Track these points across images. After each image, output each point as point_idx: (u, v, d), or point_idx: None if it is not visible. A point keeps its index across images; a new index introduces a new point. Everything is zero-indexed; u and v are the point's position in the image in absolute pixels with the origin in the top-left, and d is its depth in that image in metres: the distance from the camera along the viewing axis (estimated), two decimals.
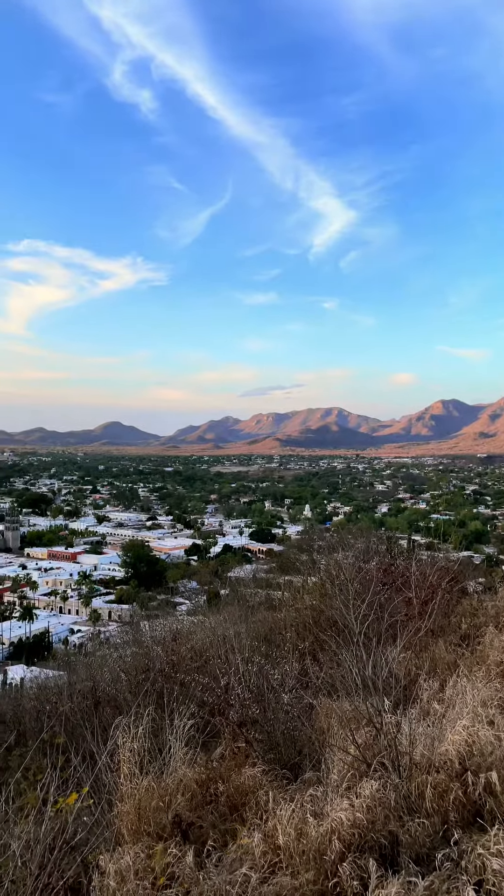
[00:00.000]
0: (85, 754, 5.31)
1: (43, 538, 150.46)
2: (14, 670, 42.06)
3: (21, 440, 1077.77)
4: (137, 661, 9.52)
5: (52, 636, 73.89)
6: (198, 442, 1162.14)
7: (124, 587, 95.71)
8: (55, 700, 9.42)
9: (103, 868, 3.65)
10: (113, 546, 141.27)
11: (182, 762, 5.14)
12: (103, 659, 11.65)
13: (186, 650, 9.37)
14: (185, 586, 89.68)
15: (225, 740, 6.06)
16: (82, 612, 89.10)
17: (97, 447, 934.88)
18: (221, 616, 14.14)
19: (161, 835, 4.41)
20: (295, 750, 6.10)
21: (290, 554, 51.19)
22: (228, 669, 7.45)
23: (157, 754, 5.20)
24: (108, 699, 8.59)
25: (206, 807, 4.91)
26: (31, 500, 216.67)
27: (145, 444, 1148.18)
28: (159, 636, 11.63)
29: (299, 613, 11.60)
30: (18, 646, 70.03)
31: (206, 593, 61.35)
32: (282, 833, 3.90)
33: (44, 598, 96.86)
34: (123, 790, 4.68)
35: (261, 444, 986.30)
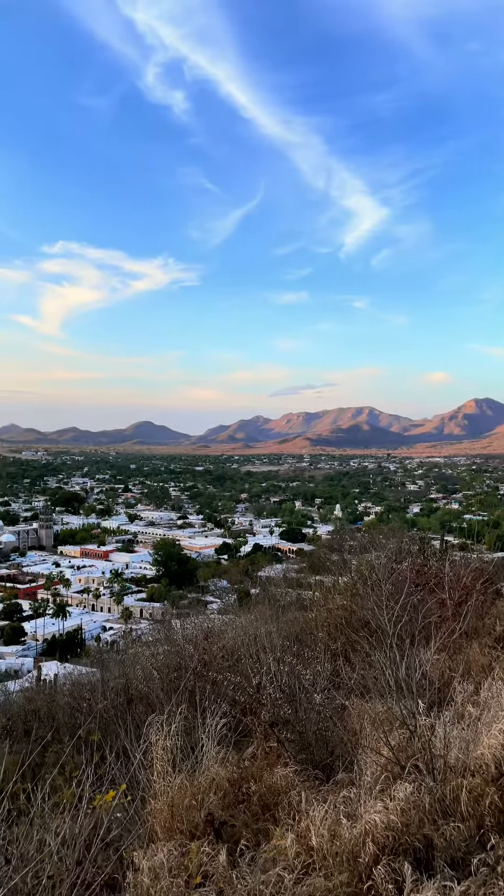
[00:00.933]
0: (118, 751, 5.35)
1: (76, 536, 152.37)
2: (48, 666, 42.64)
3: (54, 439, 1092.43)
4: (169, 660, 9.57)
5: (84, 633, 74.72)
6: (228, 441, 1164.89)
7: (155, 585, 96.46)
8: (89, 697, 9.51)
9: (137, 865, 3.67)
10: (144, 544, 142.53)
11: (214, 761, 5.15)
12: (136, 656, 11.74)
13: (218, 649, 9.38)
14: (215, 585, 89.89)
15: (256, 740, 6.05)
16: (114, 609, 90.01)
17: (129, 446, 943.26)
18: (252, 615, 14.14)
19: (194, 833, 4.43)
20: (327, 751, 6.07)
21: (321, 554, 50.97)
22: (260, 669, 7.44)
23: (190, 752, 5.22)
24: (140, 697, 8.65)
25: (238, 806, 4.92)
26: (65, 499, 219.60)
27: (176, 443, 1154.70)
28: (191, 635, 11.67)
29: (330, 614, 11.54)
30: (52, 642, 70.98)
31: (237, 592, 61.48)
32: (315, 834, 3.88)
33: (76, 596, 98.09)
34: (157, 788, 4.71)
35: (291, 443, 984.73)
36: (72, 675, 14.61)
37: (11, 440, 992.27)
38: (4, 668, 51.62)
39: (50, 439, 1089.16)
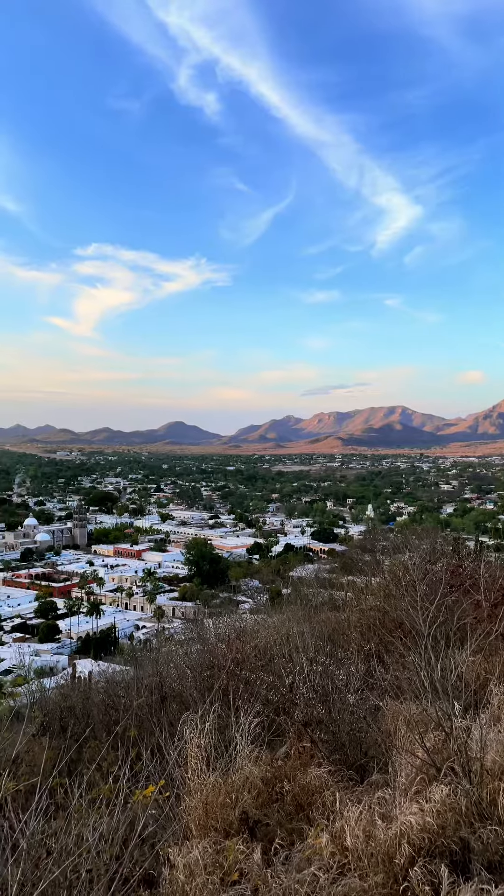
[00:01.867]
0: (153, 748, 5.40)
1: (109, 535, 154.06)
2: (82, 664, 43.20)
3: (88, 440, 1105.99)
4: (202, 658, 9.61)
5: (118, 632, 75.51)
6: (259, 441, 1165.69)
7: (188, 585, 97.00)
8: (123, 694, 9.61)
9: (173, 861, 3.70)
10: (176, 544, 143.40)
11: (248, 760, 5.16)
12: (169, 655, 11.82)
13: (251, 648, 9.40)
14: (247, 585, 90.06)
15: (290, 739, 6.05)
16: (147, 608, 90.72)
17: (161, 446, 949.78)
18: (284, 615, 14.13)
19: (228, 831, 4.45)
20: (361, 751, 6.04)
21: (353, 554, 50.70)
22: (293, 669, 7.44)
23: (224, 751, 5.23)
24: (174, 695, 8.71)
25: (272, 805, 4.92)
26: (98, 498, 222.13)
27: (207, 443, 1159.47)
28: (223, 634, 11.71)
29: (363, 614, 11.47)
30: (86, 640, 71.90)
31: (269, 592, 61.49)
32: (350, 835, 3.87)
33: (110, 595, 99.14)
34: (191, 785, 4.73)
35: (322, 443, 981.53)
36: (106, 673, 14.76)
37: (46, 440, 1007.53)
38: (40, 665, 52.39)
39: (84, 439, 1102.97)
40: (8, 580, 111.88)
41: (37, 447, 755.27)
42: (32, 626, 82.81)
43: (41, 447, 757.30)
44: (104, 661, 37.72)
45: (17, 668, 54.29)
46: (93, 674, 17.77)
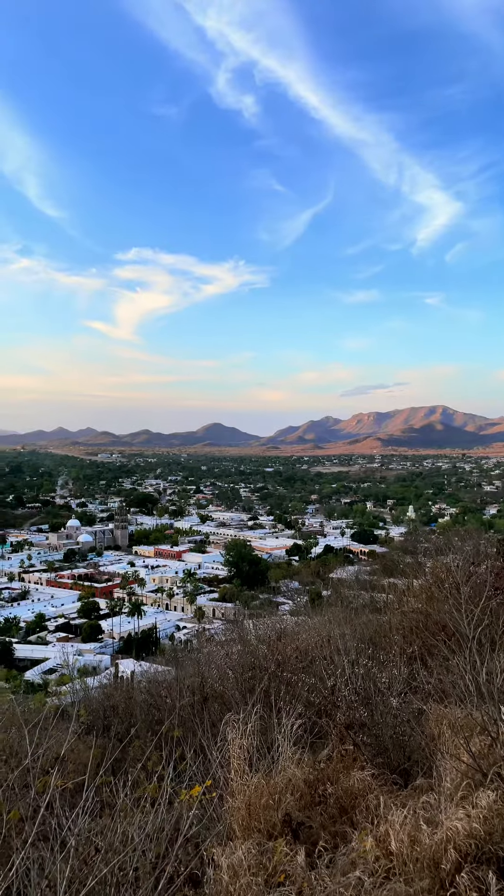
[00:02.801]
0: (196, 748, 5.43)
1: (150, 537, 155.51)
2: (125, 664, 43.69)
3: (128, 442, 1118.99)
4: (243, 659, 9.63)
5: (159, 632, 76.16)
6: (298, 442, 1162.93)
7: (227, 586, 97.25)
8: (165, 694, 9.69)
9: (217, 862, 3.72)
10: (216, 545, 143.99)
11: (290, 761, 5.15)
12: (210, 656, 11.88)
13: (291, 650, 9.38)
14: (286, 586, 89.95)
15: (332, 742, 6.02)
16: (187, 609, 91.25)
17: (200, 448, 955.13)
18: (325, 617, 14.07)
19: (271, 832, 4.44)
20: (404, 755, 5.97)
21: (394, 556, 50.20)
22: (334, 671, 7.40)
23: (266, 752, 5.23)
24: (215, 695, 8.74)
25: (314, 807, 4.90)
26: (139, 500, 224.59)
27: (246, 444, 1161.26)
28: (264, 635, 11.72)
29: (405, 616, 11.35)
30: (128, 640, 72.70)
31: (308, 594, 61.29)
32: (395, 839, 3.83)
33: (151, 595, 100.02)
34: (234, 786, 4.74)
35: (361, 443, 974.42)
36: (148, 673, 14.91)
37: (88, 443, 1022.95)
38: (83, 664, 53.17)
39: (124, 442, 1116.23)
40: (52, 581, 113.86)
41: (79, 450, 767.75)
42: (76, 625, 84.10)
43: (83, 449, 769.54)
44: (146, 661, 38.08)
45: (62, 667, 55.24)
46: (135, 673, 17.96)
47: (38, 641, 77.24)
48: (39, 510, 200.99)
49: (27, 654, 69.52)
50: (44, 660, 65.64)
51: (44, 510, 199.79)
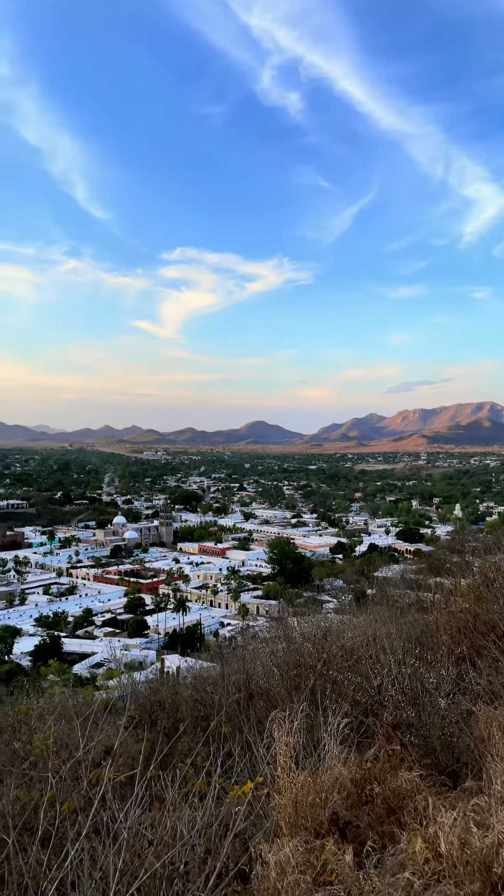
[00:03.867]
0: (242, 745, 5.45)
1: (194, 534, 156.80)
2: (170, 659, 44.15)
3: (173, 440, 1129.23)
4: (289, 657, 9.62)
5: (203, 628, 76.73)
6: (341, 440, 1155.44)
7: (271, 583, 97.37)
8: (211, 690, 9.75)
9: (265, 859, 3.73)
10: (259, 542, 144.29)
11: (337, 760, 5.12)
12: (255, 652, 11.90)
13: (337, 648, 9.33)
14: (330, 584, 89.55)
15: (378, 741, 5.97)
16: (231, 606, 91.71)
17: (243, 446, 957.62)
18: (370, 616, 13.94)
19: (318, 831, 4.43)
20: (453, 757, 5.89)
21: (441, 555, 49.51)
22: (381, 670, 7.34)
23: (312, 750, 5.22)
24: (261, 692, 8.76)
25: (362, 807, 4.87)
26: (183, 497, 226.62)
27: (289, 442, 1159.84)
28: (309, 633, 11.68)
29: (453, 616, 11.17)
30: (173, 636, 73.47)
31: (353, 592, 60.89)
32: (444, 841, 3.78)
33: (195, 592, 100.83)
34: (280, 783, 4.75)
35: (406, 441, 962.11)
36: (193, 669, 15.03)
37: (133, 441, 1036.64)
38: (130, 659, 53.96)
39: (168, 440, 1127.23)
40: (99, 576, 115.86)
41: (124, 447, 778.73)
42: (122, 621, 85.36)
43: (128, 447, 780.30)
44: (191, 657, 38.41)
45: (109, 661, 56.17)
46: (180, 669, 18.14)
47: (86, 636, 78.71)
48: (87, 507, 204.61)
49: (75, 648, 70.90)
50: (91, 654, 66.84)
51: (91, 507, 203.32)
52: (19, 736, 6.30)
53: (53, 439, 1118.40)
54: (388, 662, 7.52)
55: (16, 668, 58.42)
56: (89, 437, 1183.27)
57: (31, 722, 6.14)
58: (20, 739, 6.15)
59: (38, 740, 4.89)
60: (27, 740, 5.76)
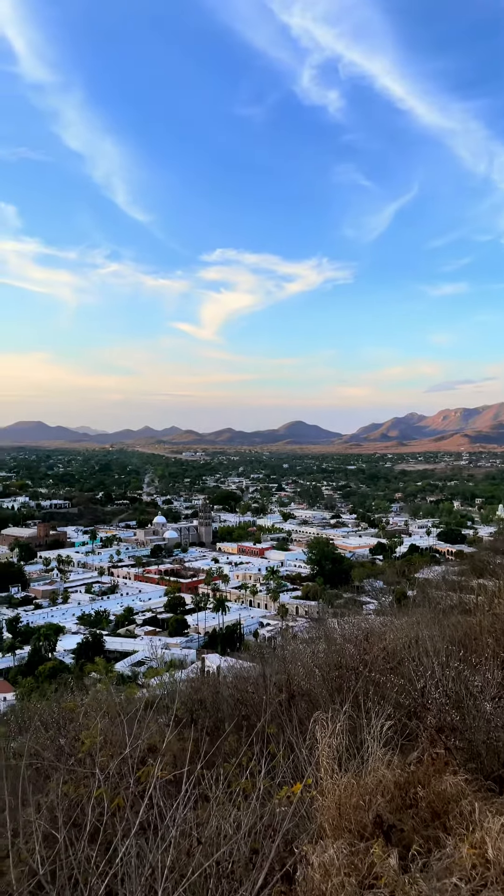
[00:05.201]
0: (285, 746, 5.46)
1: (233, 534, 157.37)
2: (210, 658, 44.42)
3: (211, 440, 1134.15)
4: (330, 658, 9.59)
5: (243, 628, 76.91)
6: (381, 440, 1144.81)
7: (310, 584, 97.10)
8: (252, 690, 9.77)
9: (309, 860, 3.73)
10: (298, 543, 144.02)
11: (380, 762, 5.09)
12: (295, 653, 11.90)
13: (378, 650, 9.26)
14: (370, 585, 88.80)
15: (422, 744, 5.91)
16: (270, 606, 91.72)
17: (281, 446, 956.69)
18: (412, 618, 13.80)
19: (362, 833, 4.41)
20: (499, 761, 5.79)
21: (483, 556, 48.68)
22: (423, 672, 7.26)
23: (355, 752, 5.20)
24: (302, 693, 8.75)
25: (406, 810, 4.83)
26: (222, 497, 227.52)
27: (328, 442, 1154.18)
28: (349, 634, 11.61)
29: (497, 619, 10.98)
30: (212, 636, 73.85)
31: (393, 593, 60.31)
32: (491, 846, 3.73)
33: (234, 591, 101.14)
34: (324, 785, 4.74)
35: (448, 440, 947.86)
36: (234, 668, 15.08)
37: (172, 441, 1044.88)
38: (171, 658, 54.41)
39: (207, 440, 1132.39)
40: (139, 575, 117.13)
41: (164, 448, 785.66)
42: (162, 620, 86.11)
43: (168, 448, 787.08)
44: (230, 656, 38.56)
45: (150, 659, 56.75)
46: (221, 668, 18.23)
47: (127, 634, 79.64)
48: (127, 507, 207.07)
49: (117, 646, 71.80)
50: (132, 652, 67.61)
51: (131, 507, 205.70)
52: (64, 732, 6.41)
53: (95, 440, 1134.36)
54: (431, 665, 7.43)
55: (59, 666, 59.45)
56: (129, 438, 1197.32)
57: (79, 719, 6.24)
58: (65, 736, 6.26)
59: (87, 737, 4.97)
60: (74, 737, 5.86)
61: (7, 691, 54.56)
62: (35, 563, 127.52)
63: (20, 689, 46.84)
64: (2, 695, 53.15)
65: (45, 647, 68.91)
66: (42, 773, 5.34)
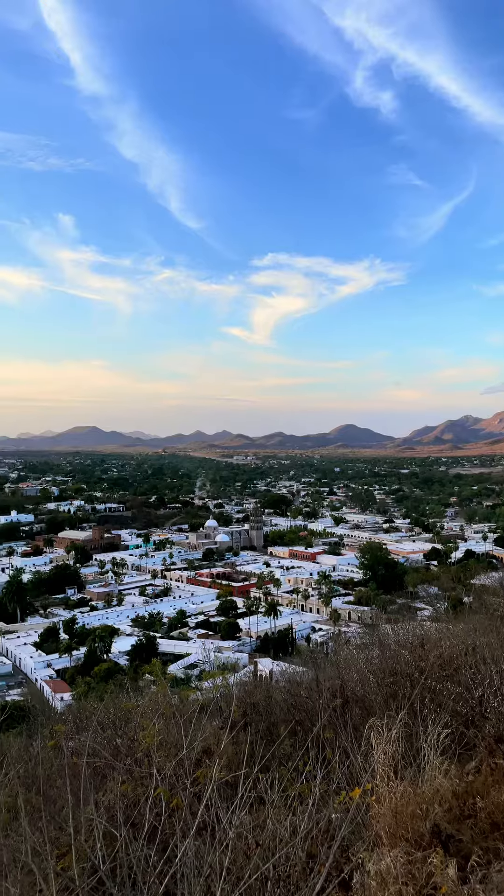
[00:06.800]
0: (339, 751, 5.43)
1: (284, 538, 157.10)
2: (263, 662, 44.43)
3: (262, 444, 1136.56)
4: (384, 664, 9.49)
5: (295, 632, 76.68)
6: (435, 443, 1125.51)
7: (363, 589, 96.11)
8: (305, 695, 9.74)
9: (366, 867, 3.71)
10: (350, 547, 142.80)
11: (438, 771, 5.02)
12: (349, 658, 11.81)
13: (434, 657, 9.12)
14: (425, 591, 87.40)
15: (480, 754, 5.80)
16: (322, 611, 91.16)
17: (332, 450, 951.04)
18: (468, 625, 13.52)
19: (419, 842, 4.35)
20: None
21: None
22: (482, 681, 7.12)
23: (411, 760, 5.14)
24: (356, 699, 8.68)
25: (464, 821, 4.74)
26: (273, 501, 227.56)
27: (380, 445, 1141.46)
28: (404, 640, 11.46)
29: None
30: (264, 640, 73.86)
31: (448, 600, 59.21)
32: None
33: (286, 596, 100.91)
34: (380, 792, 4.70)
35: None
36: (286, 673, 15.04)
37: (223, 445, 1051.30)
38: (223, 661, 54.65)
39: (258, 444, 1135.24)
40: (192, 578, 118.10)
41: (215, 452, 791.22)
42: (214, 623, 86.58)
43: (219, 452, 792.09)
44: (283, 660, 38.50)
45: (203, 662, 57.17)
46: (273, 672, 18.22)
47: (180, 637, 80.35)
48: (179, 510, 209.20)
49: (170, 648, 72.52)
50: (185, 655, 68.18)
51: (183, 511, 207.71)
52: (121, 733, 6.52)
53: (148, 444, 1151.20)
54: (490, 673, 7.29)
55: (114, 667, 60.44)
56: (181, 443, 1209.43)
57: (136, 719, 6.35)
58: (122, 736, 6.37)
59: (144, 738, 5.06)
60: (130, 737, 5.96)
61: (65, 691, 55.78)
62: (90, 565, 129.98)
63: (77, 690, 47.84)
64: (59, 694, 54.37)
65: (101, 648, 70.12)
66: (99, 772, 5.45)
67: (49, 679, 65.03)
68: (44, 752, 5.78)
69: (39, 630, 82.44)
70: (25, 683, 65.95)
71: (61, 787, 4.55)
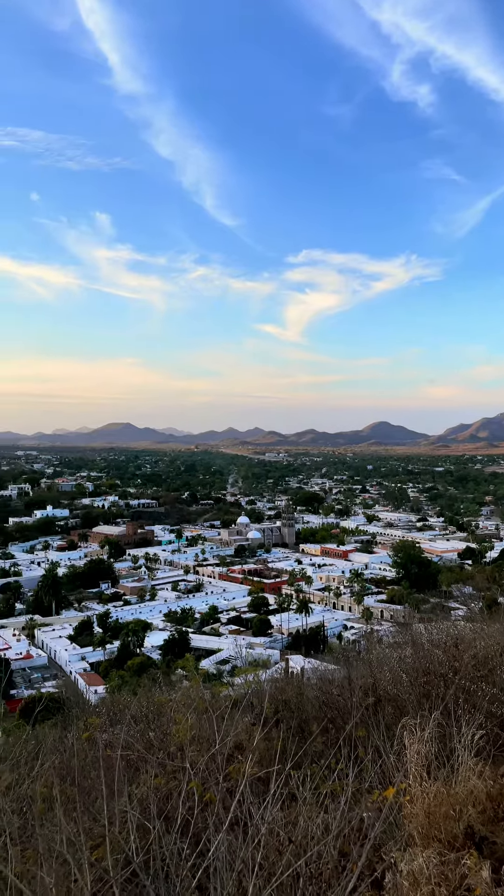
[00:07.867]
0: (372, 750, 5.40)
1: (316, 535, 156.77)
2: (294, 660, 44.33)
3: (294, 441, 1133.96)
4: (417, 663, 9.40)
5: (326, 630, 76.49)
6: (470, 441, 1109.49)
7: (395, 587, 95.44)
8: (337, 693, 9.71)
9: (399, 867, 3.69)
10: (383, 546, 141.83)
11: (472, 772, 4.96)
12: (382, 657, 11.74)
13: (469, 657, 9.01)
14: (459, 591, 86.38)
15: None
16: (354, 609, 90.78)
17: (365, 447, 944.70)
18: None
19: (452, 843, 4.31)
20: None
21: None
22: None
23: (445, 761, 5.09)
24: (388, 698, 8.62)
25: (498, 823, 4.68)
26: (305, 499, 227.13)
27: (414, 443, 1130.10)
28: (438, 640, 11.34)
29: None
30: (296, 637, 73.84)
31: (483, 599, 58.43)
32: None
33: (318, 593, 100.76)
34: (412, 792, 4.66)
35: None
36: (318, 670, 15.01)
37: (255, 442, 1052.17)
38: (255, 657, 54.77)
39: (290, 441, 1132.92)
40: (223, 574, 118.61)
41: (247, 449, 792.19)
42: (246, 619, 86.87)
43: (251, 449, 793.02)
44: (314, 658, 38.44)
45: (234, 658, 57.37)
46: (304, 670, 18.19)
47: (212, 632, 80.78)
48: (212, 507, 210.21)
49: (202, 644, 73.00)
50: (217, 650, 68.54)
51: (216, 507, 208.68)
52: (154, 727, 6.58)
53: (180, 441, 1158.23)
54: None
55: (147, 661, 61.06)
56: (213, 440, 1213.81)
57: (169, 713, 6.40)
58: (155, 730, 6.42)
59: (178, 732, 5.10)
60: (163, 731, 6.01)
61: (98, 684, 56.56)
62: (124, 560, 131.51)
63: (111, 683, 48.45)
64: (94, 687, 55.14)
65: (134, 642, 70.91)
66: (132, 765, 5.51)
67: (83, 672, 65.97)
68: (78, 744, 5.86)
69: (74, 623, 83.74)
70: (60, 676, 67.00)
71: (95, 778, 4.61)
